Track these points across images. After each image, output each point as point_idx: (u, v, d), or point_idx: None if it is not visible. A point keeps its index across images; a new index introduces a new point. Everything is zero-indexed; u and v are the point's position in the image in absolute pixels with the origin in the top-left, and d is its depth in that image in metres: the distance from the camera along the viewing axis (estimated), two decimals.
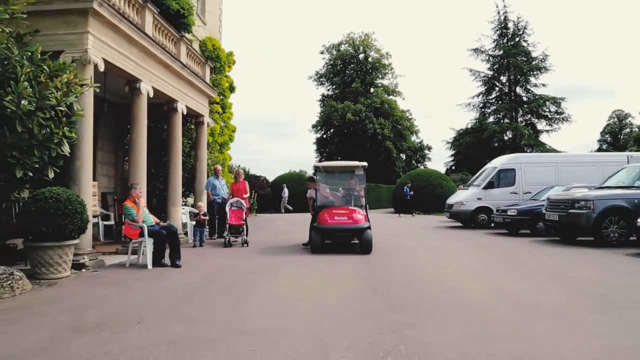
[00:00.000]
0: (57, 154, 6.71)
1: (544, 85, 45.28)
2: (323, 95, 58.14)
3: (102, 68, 7.96)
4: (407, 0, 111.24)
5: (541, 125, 45.87)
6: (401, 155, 55.42)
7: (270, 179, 35.15)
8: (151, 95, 9.87)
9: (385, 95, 54.60)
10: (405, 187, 26.86)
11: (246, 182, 13.31)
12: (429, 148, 57.26)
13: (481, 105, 47.60)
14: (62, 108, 6.53)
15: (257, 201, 27.73)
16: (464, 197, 17.46)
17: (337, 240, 10.29)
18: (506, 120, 45.68)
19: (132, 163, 9.45)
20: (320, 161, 54.25)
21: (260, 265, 8.12)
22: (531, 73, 44.82)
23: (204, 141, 13.68)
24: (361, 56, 56.84)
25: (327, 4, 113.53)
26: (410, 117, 56.87)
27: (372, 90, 55.42)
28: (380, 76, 56.80)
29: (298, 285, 6.53)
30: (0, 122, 5.98)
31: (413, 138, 56.78)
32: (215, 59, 21.93)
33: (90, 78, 7.48)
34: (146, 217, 7.98)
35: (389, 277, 7.06)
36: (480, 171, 18.75)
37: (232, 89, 24.46)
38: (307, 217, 11.44)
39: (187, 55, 12.22)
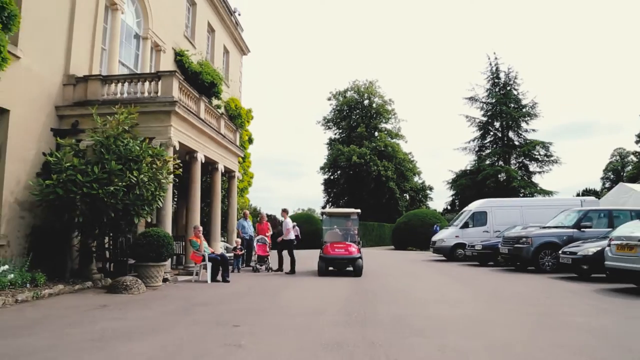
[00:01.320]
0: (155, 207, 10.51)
1: (534, 130, 49.15)
2: (330, 139, 61.81)
3: (177, 148, 11.86)
4: (408, 52, 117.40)
5: (533, 167, 49.44)
6: (404, 195, 58.61)
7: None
8: (203, 161, 13.77)
9: (389, 139, 58.27)
10: (436, 226, 29.73)
11: (268, 223, 17.00)
12: (431, 188, 60.64)
13: (477, 149, 51.37)
14: (163, 180, 10.37)
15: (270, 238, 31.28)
16: (445, 235, 21.09)
17: (336, 267, 13.79)
18: (500, 163, 49.28)
19: (191, 210, 13.22)
20: (327, 202, 57.80)
21: (282, 282, 11.74)
22: (522, 119, 48.80)
23: (235, 191, 17.55)
24: (366, 102, 60.47)
25: (335, 53, 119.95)
26: (412, 159, 60.25)
27: (376, 134, 58.86)
28: (384, 121, 60.50)
29: (309, 290, 10.14)
30: (128, 189, 9.78)
31: (416, 179, 60.13)
32: (237, 117, 26.00)
33: (174, 157, 11.34)
34: (206, 248, 11.73)
35: (369, 288, 10.61)
36: (460, 213, 22.38)
37: (250, 140, 28.47)
38: (314, 252, 14.84)
39: (225, 127, 16.21)
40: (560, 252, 13.10)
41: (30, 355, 4.62)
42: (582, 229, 14.50)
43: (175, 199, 17.97)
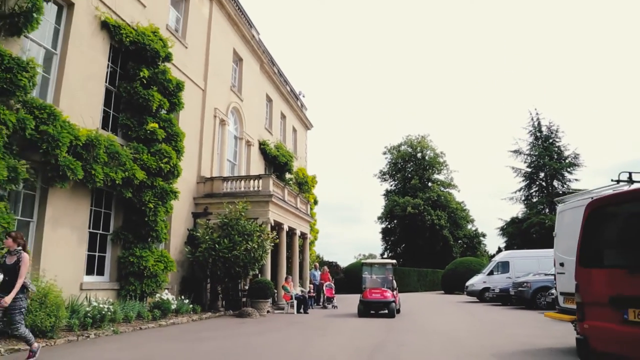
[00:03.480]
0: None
1: (577, 180, 52.35)
2: (386, 190, 66.53)
3: (272, 224, 17.89)
4: (457, 107, 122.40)
5: None
6: (459, 242, 62.04)
7: (342, 264, 44.02)
8: (287, 230, 19.75)
9: (442, 189, 62.36)
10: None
11: (329, 272, 22.66)
12: (483, 235, 63.68)
13: (523, 198, 54.93)
14: (267, 247, 16.35)
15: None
16: (475, 280, 25.85)
17: (373, 309, 16.37)
18: (546, 211, 52.52)
19: (280, 265, 19.14)
20: (385, 249, 61.97)
21: (341, 315, 17.23)
22: (564, 170, 52.19)
23: (307, 249, 23.49)
24: (419, 155, 64.82)
25: (388, 110, 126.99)
26: (465, 207, 63.62)
27: (429, 184, 63.10)
28: (436, 172, 64.59)
29: (356, 322, 15.58)
30: (245, 253, 15.79)
31: (469, 226, 63.54)
32: (304, 183, 32.09)
33: (273, 233, 17.35)
34: (293, 291, 17.52)
35: (398, 323, 15.86)
36: (489, 263, 27.06)
37: (315, 202, 34.32)
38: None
39: (300, 201, 22.27)
40: (547, 293, 17.86)
41: (231, 337, 10.42)
42: None
43: None
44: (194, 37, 18.99)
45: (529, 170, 54.44)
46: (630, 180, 8.18)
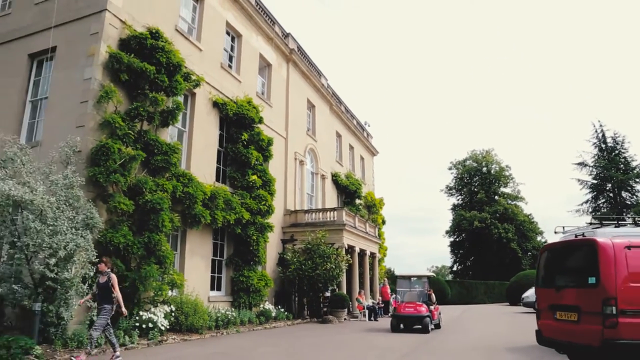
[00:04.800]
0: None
1: None
2: (454, 205, 68.45)
3: (346, 247, 21.89)
4: (521, 122, 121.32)
5: None
6: (528, 254, 62.65)
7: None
8: (358, 251, 23.68)
9: (508, 202, 63.39)
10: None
11: (387, 286, 26.22)
12: None
13: (590, 210, 55.29)
14: (342, 267, 20.36)
15: None
16: (529, 293, 28.36)
17: (405, 324, 15.98)
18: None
19: (353, 282, 23.05)
20: (454, 262, 63.79)
21: None
22: (632, 180, 52.20)
23: (377, 266, 27.29)
24: (484, 169, 66.33)
25: (452, 126, 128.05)
26: (532, 219, 64.00)
27: (496, 198, 64.35)
28: (502, 185, 65.74)
29: (396, 336, 19.14)
30: (325, 272, 19.85)
31: (538, 238, 64.01)
32: (372, 206, 35.79)
33: (347, 256, 21.36)
34: (366, 302, 21.37)
35: (447, 328, 19.23)
36: None
37: (384, 222, 37.84)
38: None
39: (369, 226, 26.15)
40: None
41: (320, 336, 14.43)
42: None
43: None
44: (276, 96, 23.54)
45: (595, 182, 54.71)
46: (600, 224, 11.35)
